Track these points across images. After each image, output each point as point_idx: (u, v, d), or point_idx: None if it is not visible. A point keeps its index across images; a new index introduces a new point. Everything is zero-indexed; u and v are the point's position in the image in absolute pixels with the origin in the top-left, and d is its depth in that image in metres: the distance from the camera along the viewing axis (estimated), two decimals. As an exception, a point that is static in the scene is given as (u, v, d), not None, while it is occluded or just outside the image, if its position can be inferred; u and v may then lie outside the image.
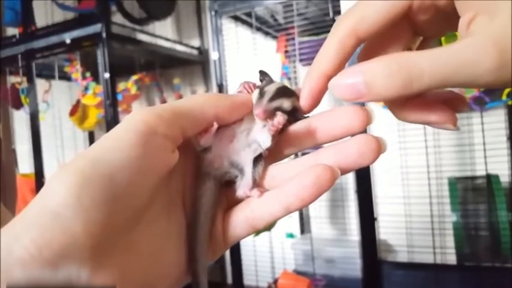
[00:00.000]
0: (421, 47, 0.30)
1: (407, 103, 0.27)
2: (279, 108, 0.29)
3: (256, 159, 0.30)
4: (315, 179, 0.26)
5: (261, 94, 0.30)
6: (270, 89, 0.30)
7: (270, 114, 0.29)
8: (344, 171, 0.27)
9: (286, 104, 0.30)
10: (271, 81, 0.32)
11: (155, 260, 0.27)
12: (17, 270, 0.20)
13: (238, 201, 0.30)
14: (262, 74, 0.33)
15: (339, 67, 0.28)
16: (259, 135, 0.30)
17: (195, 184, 0.30)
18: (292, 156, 0.33)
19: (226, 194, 0.31)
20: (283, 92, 0.30)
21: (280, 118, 0.28)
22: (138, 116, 0.25)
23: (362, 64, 0.24)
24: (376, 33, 0.27)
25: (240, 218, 0.29)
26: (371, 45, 0.29)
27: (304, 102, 0.30)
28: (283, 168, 0.30)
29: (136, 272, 0.25)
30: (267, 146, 0.29)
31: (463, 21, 0.23)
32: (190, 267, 0.29)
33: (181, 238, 0.29)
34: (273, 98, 0.30)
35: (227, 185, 0.31)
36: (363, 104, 0.31)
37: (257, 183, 0.29)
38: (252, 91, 0.32)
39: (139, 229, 0.25)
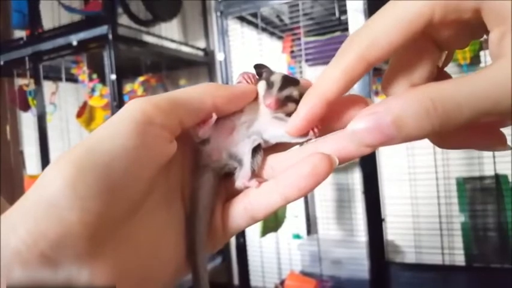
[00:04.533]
0: (446, 60, 0.28)
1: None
2: (289, 97, 0.29)
3: (255, 150, 0.29)
4: (312, 168, 0.25)
5: (269, 84, 0.30)
6: (277, 79, 0.30)
7: (281, 104, 0.29)
8: (345, 160, 0.27)
9: (295, 92, 0.30)
10: (271, 71, 0.32)
11: (153, 252, 0.26)
12: (13, 262, 0.19)
13: (237, 192, 0.30)
14: (258, 67, 0.32)
15: (343, 92, 0.26)
16: (270, 127, 0.30)
17: (194, 176, 0.30)
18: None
19: (225, 186, 0.31)
20: (290, 80, 0.30)
21: None
22: (135, 106, 0.25)
23: (386, 102, 0.22)
24: (389, 56, 0.24)
25: (239, 209, 0.29)
26: (396, 64, 0.27)
27: (297, 124, 0.27)
28: (282, 158, 0.30)
29: (134, 263, 0.25)
30: (278, 140, 0.30)
31: (494, 38, 0.21)
32: (189, 259, 0.29)
33: (180, 230, 0.29)
34: (282, 87, 0.29)
35: (226, 176, 0.31)
36: (368, 95, 0.30)
37: (256, 174, 0.29)
38: (251, 81, 0.31)
39: (137, 220, 0.25)
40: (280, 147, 0.31)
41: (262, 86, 0.30)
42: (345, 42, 0.26)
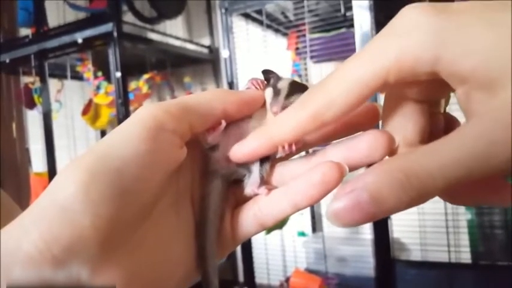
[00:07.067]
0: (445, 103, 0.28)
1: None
2: None
3: (264, 157, 0.29)
4: (322, 176, 0.25)
5: (276, 91, 0.30)
6: (284, 85, 0.30)
7: None
8: (354, 168, 0.27)
9: None
10: (279, 77, 0.31)
11: (164, 257, 0.26)
12: (25, 265, 0.20)
13: (247, 199, 0.30)
14: (267, 72, 0.32)
15: (293, 141, 0.27)
16: None
17: (203, 182, 0.30)
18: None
19: (235, 192, 0.31)
20: (297, 87, 0.30)
21: None
22: (147, 111, 0.25)
23: (360, 178, 0.21)
24: (343, 117, 0.25)
25: (249, 216, 0.29)
26: (386, 125, 0.27)
27: (240, 154, 0.28)
28: (291, 165, 0.30)
29: (144, 267, 0.25)
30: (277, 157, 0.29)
31: (460, 96, 0.21)
32: (200, 266, 0.29)
33: (189, 236, 0.29)
34: (289, 95, 0.29)
35: (235, 182, 0.31)
36: (374, 100, 0.30)
37: (265, 181, 0.29)
38: (260, 87, 0.31)
39: (148, 225, 0.25)
40: (288, 155, 0.31)
41: (269, 93, 0.30)
42: (307, 92, 0.26)
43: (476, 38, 0.19)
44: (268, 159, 0.29)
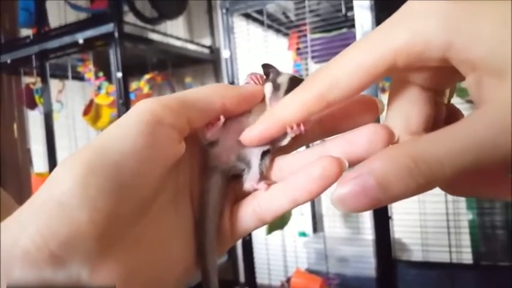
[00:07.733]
0: (450, 94, 0.27)
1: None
2: None
3: (263, 152, 0.29)
4: (322, 171, 0.25)
5: (275, 86, 0.30)
6: (283, 80, 0.30)
7: None
8: (353, 162, 0.26)
9: None
10: (278, 72, 0.31)
11: (163, 253, 0.26)
12: (22, 261, 0.19)
13: (246, 194, 0.29)
14: (266, 66, 0.32)
15: (300, 121, 0.27)
16: None
17: (203, 177, 0.30)
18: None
19: (234, 187, 0.31)
20: (297, 82, 0.29)
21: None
22: (145, 106, 0.24)
23: (367, 164, 0.21)
24: (349, 98, 0.25)
25: (248, 212, 0.29)
26: (390, 113, 0.27)
27: (252, 137, 0.28)
28: (291, 159, 0.29)
29: (143, 264, 0.24)
30: (284, 144, 0.29)
31: (470, 83, 0.21)
32: (199, 263, 0.29)
33: (189, 232, 0.29)
34: (288, 90, 0.29)
35: (234, 178, 0.31)
36: (375, 92, 0.30)
37: (264, 176, 0.29)
38: (259, 82, 0.31)
39: (147, 221, 0.25)
40: (288, 148, 0.30)
41: (268, 88, 0.30)
42: (312, 74, 0.26)
43: (488, 25, 0.19)
44: (268, 154, 0.29)
